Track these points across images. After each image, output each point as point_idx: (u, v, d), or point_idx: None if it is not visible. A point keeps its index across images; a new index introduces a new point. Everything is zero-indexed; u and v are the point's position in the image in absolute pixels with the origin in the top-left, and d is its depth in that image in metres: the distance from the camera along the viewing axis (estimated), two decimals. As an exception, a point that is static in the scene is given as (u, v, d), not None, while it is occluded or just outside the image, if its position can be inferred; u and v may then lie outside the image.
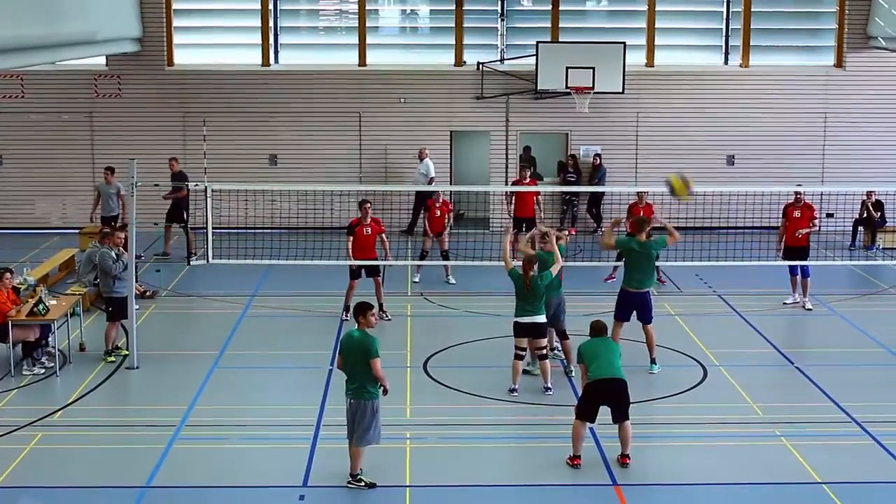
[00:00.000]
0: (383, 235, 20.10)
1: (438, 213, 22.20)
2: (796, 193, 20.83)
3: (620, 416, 13.32)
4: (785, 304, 20.68)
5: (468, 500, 12.63)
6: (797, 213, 20.56)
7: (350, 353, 12.65)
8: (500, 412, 15.32)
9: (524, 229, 22.98)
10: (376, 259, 19.78)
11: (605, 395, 13.27)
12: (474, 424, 14.80)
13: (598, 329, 13.76)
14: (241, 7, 28.48)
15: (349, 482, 12.70)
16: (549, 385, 15.80)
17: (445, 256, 22.39)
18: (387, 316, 19.62)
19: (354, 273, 18.31)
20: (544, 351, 15.90)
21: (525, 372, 16.10)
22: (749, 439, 14.26)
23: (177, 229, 24.32)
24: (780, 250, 20.95)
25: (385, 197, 26.21)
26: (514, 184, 24.35)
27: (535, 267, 15.56)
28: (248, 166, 27.50)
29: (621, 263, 21.67)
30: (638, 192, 22.11)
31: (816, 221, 20.70)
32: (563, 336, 16.67)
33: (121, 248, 17.57)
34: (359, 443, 12.65)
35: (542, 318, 15.73)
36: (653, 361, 16.78)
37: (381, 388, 12.68)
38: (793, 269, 20.63)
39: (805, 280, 20.49)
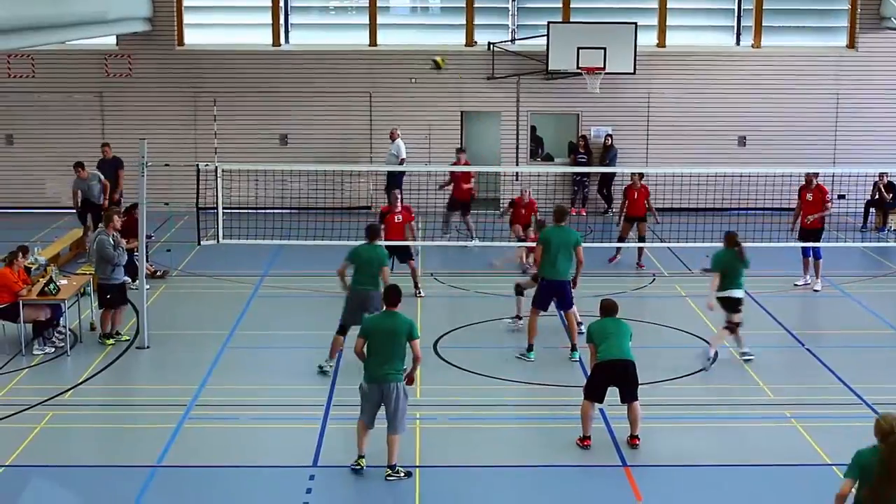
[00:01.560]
0: (412, 224, 20.45)
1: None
2: (807, 175, 20.79)
3: (629, 397, 13.31)
4: (796, 285, 20.67)
5: (478, 480, 12.63)
6: (809, 196, 20.54)
7: (383, 334, 12.41)
8: (510, 392, 15.36)
9: (461, 212, 23.42)
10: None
11: (613, 375, 13.26)
12: (484, 405, 14.81)
13: (608, 308, 13.68)
14: (251, -14, 28.50)
15: (389, 475, 12.47)
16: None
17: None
18: (420, 293, 19.95)
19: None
20: None
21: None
22: (759, 421, 14.26)
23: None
24: (794, 230, 20.97)
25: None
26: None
27: None
28: (259, 146, 27.53)
29: (624, 245, 21.85)
30: (632, 174, 22.14)
31: (829, 204, 20.65)
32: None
33: (116, 234, 17.47)
34: (401, 429, 12.46)
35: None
36: (573, 348, 16.55)
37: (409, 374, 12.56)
38: (805, 251, 20.61)
39: (817, 262, 20.48)
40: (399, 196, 20.22)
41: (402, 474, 12.48)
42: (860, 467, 9.57)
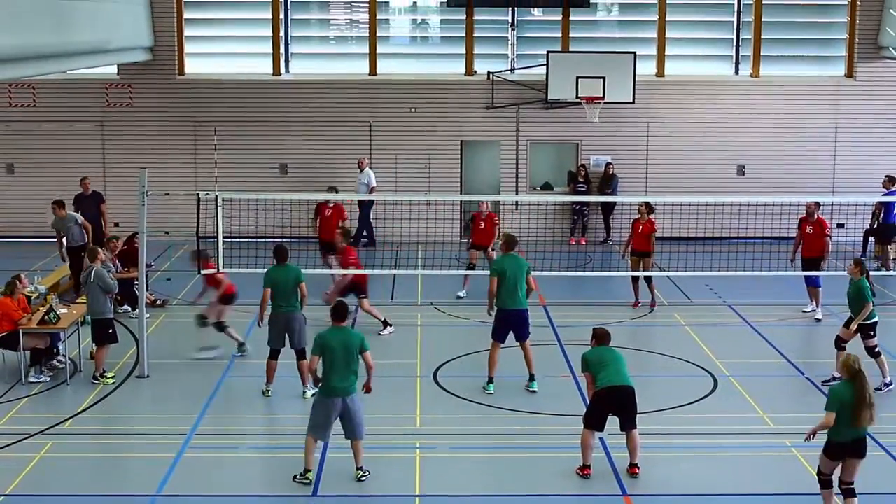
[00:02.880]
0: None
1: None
2: (809, 206, 20.68)
3: (629, 424, 13.33)
4: (804, 312, 20.79)
5: (478, 509, 12.65)
6: (809, 229, 20.51)
7: (336, 349, 12.88)
8: (510, 422, 15.34)
9: (328, 252, 22.40)
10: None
11: (614, 402, 13.27)
12: (484, 434, 14.84)
13: (601, 336, 13.70)
14: (252, 17, 28.58)
15: (360, 476, 13.01)
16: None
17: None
18: (384, 331, 19.57)
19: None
20: None
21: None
22: (760, 450, 14.25)
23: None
24: (792, 260, 20.94)
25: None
26: (316, 208, 23.53)
27: None
28: (259, 175, 27.55)
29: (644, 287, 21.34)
30: (639, 206, 21.67)
31: (829, 238, 20.50)
32: None
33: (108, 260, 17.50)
34: (362, 435, 13.07)
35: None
36: (532, 378, 16.50)
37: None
38: (807, 280, 20.64)
39: (815, 290, 20.49)
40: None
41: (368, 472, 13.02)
42: (839, 402, 11.63)
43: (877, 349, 16.56)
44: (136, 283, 18.65)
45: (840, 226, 27.32)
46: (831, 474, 12.08)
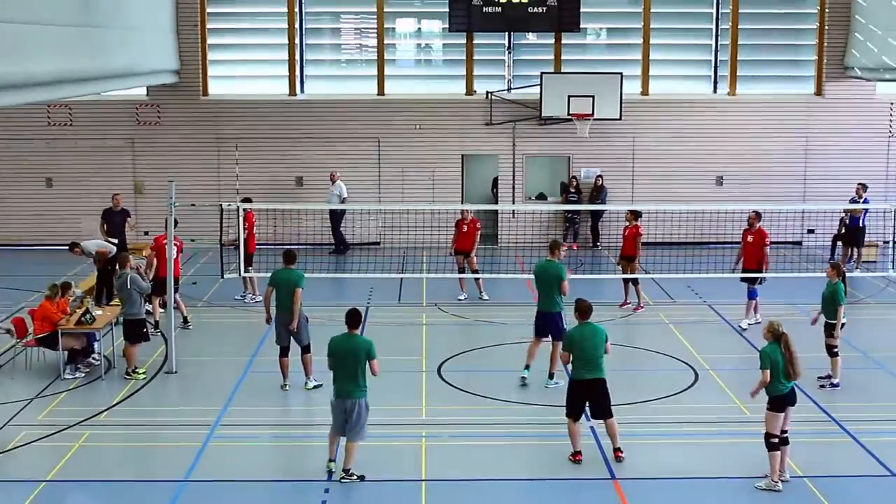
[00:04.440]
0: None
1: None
2: (750, 217, 19.92)
3: (601, 413, 13.32)
4: (741, 328, 19.71)
5: (479, 493, 12.66)
6: (749, 238, 19.72)
7: (345, 354, 12.79)
8: (509, 413, 15.36)
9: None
10: None
11: (585, 394, 13.27)
12: (484, 424, 14.86)
13: (583, 311, 13.41)
14: (269, 42, 28.66)
15: (343, 478, 12.75)
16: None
17: None
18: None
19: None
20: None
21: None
22: (736, 437, 14.28)
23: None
24: (734, 270, 20.35)
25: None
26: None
27: None
28: (277, 187, 27.60)
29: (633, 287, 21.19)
30: (626, 215, 21.56)
31: (768, 248, 19.63)
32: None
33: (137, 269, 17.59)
34: (358, 438, 12.81)
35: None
36: (551, 376, 16.36)
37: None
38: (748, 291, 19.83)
39: (750, 301, 19.73)
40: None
41: (356, 477, 12.72)
42: (771, 361, 12.53)
43: (836, 349, 16.36)
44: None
45: (810, 231, 27.41)
46: (779, 432, 12.59)
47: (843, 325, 16.42)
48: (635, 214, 21.16)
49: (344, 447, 12.84)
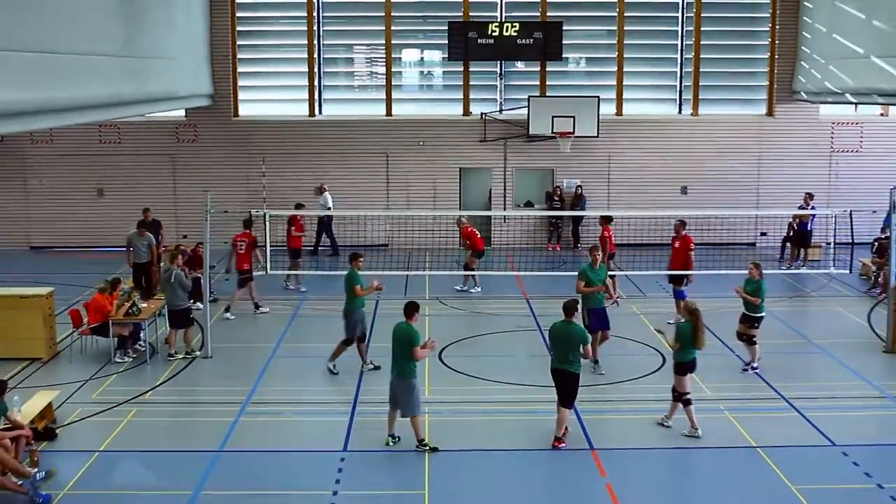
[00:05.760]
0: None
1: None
2: (677, 224, 19.48)
3: (561, 401, 13.07)
4: (668, 323, 18.50)
5: (475, 462, 12.73)
6: (676, 244, 19.23)
7: (395, 341, 12.86)
8: (500, 392, 15.42)
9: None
10: None
11: (555, 380, 13.22)
12: (479, 402, 14.90)
13: (565, 310, 13.23)
14: (292, 69, 28.66)
15: (417, 446, 12.84)
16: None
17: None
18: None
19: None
20: None
21: None
22: (699, 413, 14.28)
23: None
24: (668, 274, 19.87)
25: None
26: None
27: None
28: (299, 196, 27.62)
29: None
30: (601, 220, 21.44)
31: (692, 254, 19.10)
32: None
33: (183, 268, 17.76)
34: (409, 413, 12.83)
35: None
36: (596, 362, 16.12)
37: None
38: (674, 292, 19.40)
39: (677, 300, 19.07)
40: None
41: (428, 448, 12.78)
42: (683, 335, 13.22)
43: (755, 339, 16.21)
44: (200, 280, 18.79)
45: (763, 234, 27.47)
46: (689, 392, 13.39)
47: (761, 317, 16.26)
48: (605, 219, 21.07)
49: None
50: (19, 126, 14.50)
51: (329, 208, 26.31)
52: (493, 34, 27.58)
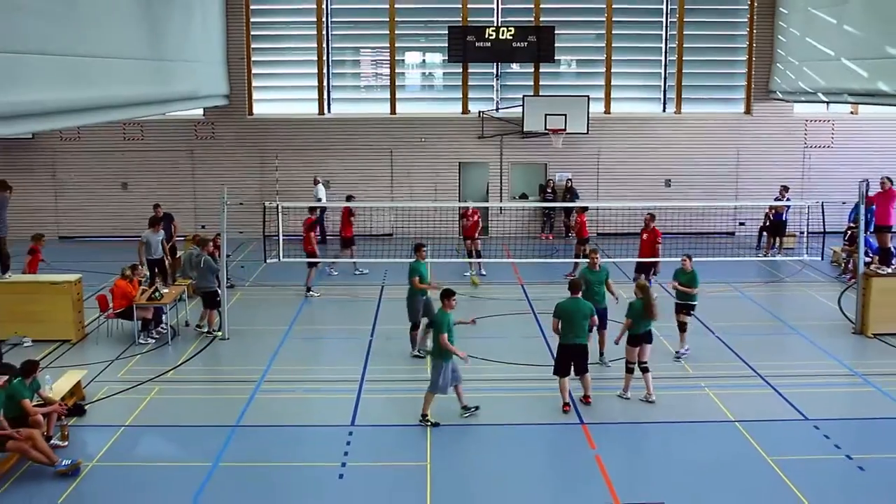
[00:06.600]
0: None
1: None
2: (646, 217, 19.45)
3: (581, 370, 13.43)
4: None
5: (474, 436, 12.78)
6: (644, 236, 19.25)
7: (434, 325, 13.14)
8: (495, 371, 15.47)
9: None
10: None
11: (571, 356, 13.35)
12: (479, 379, 14.90)
13: (572, 288, 13.42)
14: (302, 71, 28.62)
15: (420, 420, 12.93)
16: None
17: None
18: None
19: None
20: None
21: None
22: (681, 390, 14.38)
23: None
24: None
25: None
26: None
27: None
28: (309, 189, 27.63)
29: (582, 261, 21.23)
30: (576, 209, 21.42)
31: (659, 247, 19.08)
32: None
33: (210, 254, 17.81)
34: (433, 389, 12.97)
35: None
36: (601, 354, 15.85)
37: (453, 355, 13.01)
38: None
39: None
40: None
41: (430, 423, 12.83)
42: (634, 311, 13.57)
43: (687, 325, 15.99)
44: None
45: (741, 224, 27.47)
46: (634, 363, 13.78)
47: (694, 305, 16.00)
48: (582, 209, 21.64)
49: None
50: (50, 124, 14.53)
51: (319, 199, 26.22)
52: (490, 38, 27.54)
